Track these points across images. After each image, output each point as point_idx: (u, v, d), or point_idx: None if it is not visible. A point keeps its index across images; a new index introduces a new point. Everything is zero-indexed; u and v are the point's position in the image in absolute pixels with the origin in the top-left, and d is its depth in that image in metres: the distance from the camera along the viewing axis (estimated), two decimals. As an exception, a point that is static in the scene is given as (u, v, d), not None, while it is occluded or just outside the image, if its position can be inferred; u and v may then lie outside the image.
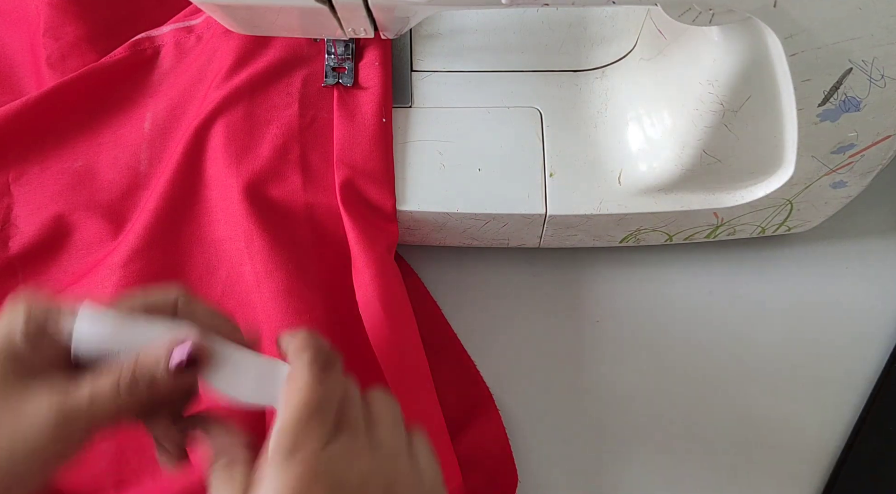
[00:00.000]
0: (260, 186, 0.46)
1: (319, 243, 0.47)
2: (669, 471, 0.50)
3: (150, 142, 0.49)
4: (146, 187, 0.49)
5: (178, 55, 0.51)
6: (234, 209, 0.46)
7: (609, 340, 0.52)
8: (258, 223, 0.46)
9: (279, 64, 0.49)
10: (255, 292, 0.46)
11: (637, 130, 0.47)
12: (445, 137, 0.48)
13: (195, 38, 0.51)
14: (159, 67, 0.51)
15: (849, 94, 0.40)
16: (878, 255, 0.54)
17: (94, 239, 0.48)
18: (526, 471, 0.49)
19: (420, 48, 0.50)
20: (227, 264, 0.46)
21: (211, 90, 0.49)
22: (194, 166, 0.47)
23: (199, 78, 0.50)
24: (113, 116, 0.50)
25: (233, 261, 0.46)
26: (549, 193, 0.47)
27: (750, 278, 0.54)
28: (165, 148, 0.49)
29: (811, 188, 0.47)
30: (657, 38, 0.45)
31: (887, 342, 0.53)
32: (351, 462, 0.31)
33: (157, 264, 0.46)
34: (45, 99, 0.49)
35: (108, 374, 0.31)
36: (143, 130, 0.49)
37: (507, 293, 0.53)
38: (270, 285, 0.45)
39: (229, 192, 0.46)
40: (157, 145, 0.49)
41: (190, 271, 0.47)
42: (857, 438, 0.50)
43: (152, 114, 0.49)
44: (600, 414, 0.51)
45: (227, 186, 0.46)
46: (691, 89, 0.43)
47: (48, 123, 0.49)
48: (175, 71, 0.51)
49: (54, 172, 0.49)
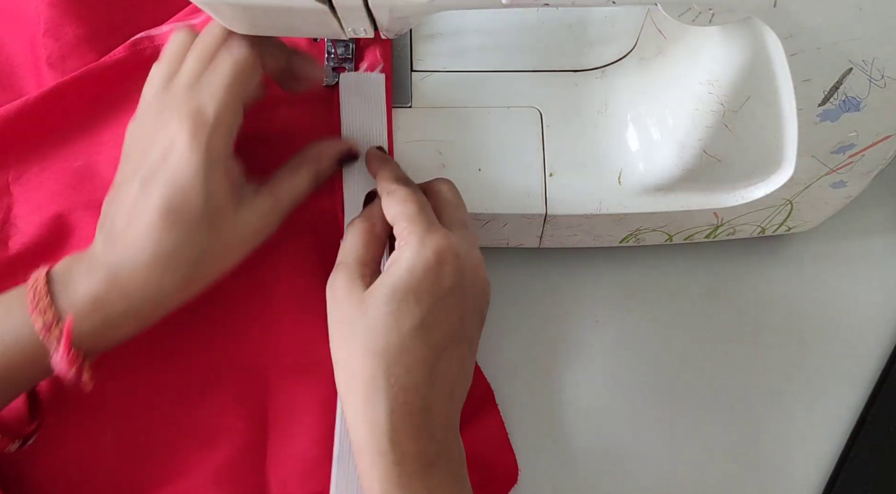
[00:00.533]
0: None
1: (325, 246, 0.47)
2: (669, 471, 0.50)
3: None
4: None
5: None
6: None
7: (609, 340, 0.52)
8: None
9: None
10: (266, 295, 0.46)
11: (637, 130, 0.47)
12: (445, 137, 0.48)
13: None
14: None
15: (849, 94, 0.40)
16: (879, 255, 0.54)
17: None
18: (525, 471, 0.49)
19: (420, 48, 0.50)
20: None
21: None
22: None
23: None
24: (113, 115, 0.50)
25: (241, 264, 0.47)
26: (549, 193, 0.47)
27: (750, 278, 0.54)
28: None
29: (811, 188, 0.47)
30: (657, 37, 0.45)
31: (887, 342, 0.53)
32: (470, 247, 0.39)
33: None
34: (45, 99, 0.49)
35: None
36: None
37: (506, 293, 0.53)
38: (281, 288, 0.45)
39: None
40: None
41: None
42: (857, 438, 0.50)
43: None
44: (600, 414, 0.51)
45: None
46: (691, 89, 0.43)
47: (48, 124, 0.49)
48: None
49: (54, 172, 0.49)
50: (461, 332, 0.38)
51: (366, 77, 0.47)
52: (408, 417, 0.36)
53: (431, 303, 0.37)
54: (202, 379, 0.46)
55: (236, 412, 0.45)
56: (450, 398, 0.38)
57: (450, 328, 0.37)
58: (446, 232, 0.38)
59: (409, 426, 0.36)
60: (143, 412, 0.45)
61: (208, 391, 0.46)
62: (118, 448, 0.45)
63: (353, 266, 0.39)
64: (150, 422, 0.45)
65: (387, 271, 0.38)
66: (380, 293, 0.37)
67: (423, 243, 0.37)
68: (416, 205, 0.39)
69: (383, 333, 0.36)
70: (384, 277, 0.38)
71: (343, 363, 0.38)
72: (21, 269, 0.47)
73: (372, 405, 0.36)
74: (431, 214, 0.40)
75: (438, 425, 0.37)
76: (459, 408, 0.39)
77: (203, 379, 0.46)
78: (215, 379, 0.46)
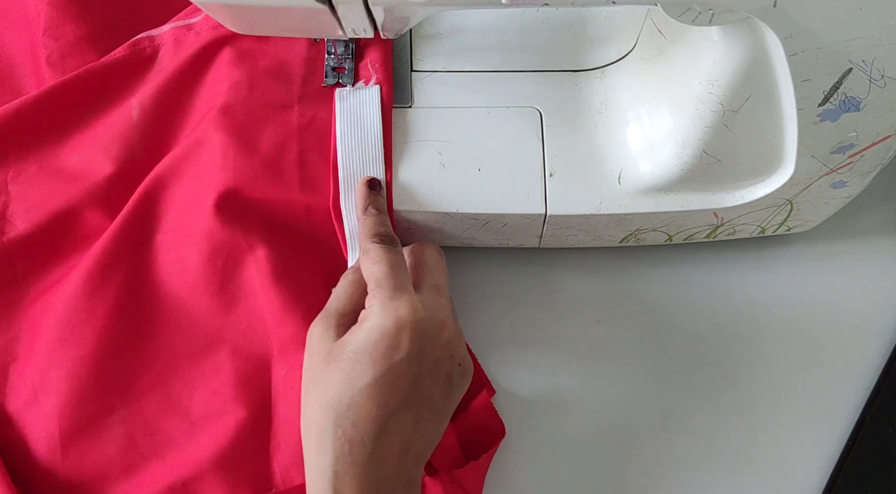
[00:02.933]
0: (258, 186, 0.46)
1: (318, 243, 0.47)
2: (669, 471, 0.50)
3: (140, 130, 0.49)
4: (142, 177, 0.48)
5: (176, 53, 0.51)
6: (232, 210, 0.46)
7: (609, 340, 0.52)
8: (257, 223, 0.46)
9: (279, 64, 0.49)
10: (259, 292, 0.46)
11: (637, 130, 0.47)
12: (445, 137, 0.48)
13: (194, 34, 0.51)
14: (158, 66, 0.51)
15: (849, 94, 0.40)
16: (879, 255, 0.54)
17: (93, 232, 0.48)
18: (525, 470, 0.49)
19: (420, 48, 0.50)
20: (229, 263, 0.47)
21: (210, 90, 0.49)
22: (193, 165, 0.47)
23: (192, 68, 0.50)
24: (110, 114, 0.50)
25: (235, 259, 0.47)
26: (549, 193, 0.47)
27: (750, 278, 0.54)
28: (158, 137, 0.49)
29: (811, 188, 0.47)
30: (657, 38, 0.45)
31: (887, 342, 0.53)
32: (436, 312, 0.41)
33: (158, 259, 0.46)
34: (44, 98, 0.49)
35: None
36: (131, 118, 0.49)
37: (506, 294, 0.53)
38: (273, 287, 0.45)
39: (227, 191, 0.46)
40: (148, 134, 0.49)
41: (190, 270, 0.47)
42: (857, 438, 0.50)
43: (139, 101, 0.49)
44: (600, 414, 0.51)
45: (224, 185, 0.46)
46: (691, 89, 0.43)
47: (47, 122, 0.49)
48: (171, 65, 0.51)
49: (52, 171, 0.49)
50: (415, 395, 0.39)
51: (360, 93, 0.47)
52: (351, 467, 0.38)
53: (385, 367, 0.38)
54: (204, 366, 0.46)
55: (238, 399, 0.45)
56: (402, 454, 0.39)
57: (403, 390, 0.39)
58: (411, 298, 0.40)
59: (352, 476, 0.37)
60: (144, 397, 0.46)
61: (210, 377, 0.46)
62: (118, 433, 0.45)
63: (332, 316, 0.42)
64: (151, 408, 0.46)
65: (353, 328, 0.40)
66: (340, 350, 0.39)
67: (384, 309, 0.39)
68: (385, 267, 0.41)
69: (337, 387, 0.38)
70: (349, 334, 0.40)
71: (304, 409, 0.40)
72: (18, 261, 0.47)
73: (320, 452, 0.38)
74: (401, 275, 0.41)
75: (385, 479, 0.38)
76: (418, 464, 0.40)
77: (205, 365, 0.46)
78: (217, 366, 0.46)
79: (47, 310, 0.46)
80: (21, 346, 0.47)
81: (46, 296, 0.47)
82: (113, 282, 0.46)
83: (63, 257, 0.48)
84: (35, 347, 0.46)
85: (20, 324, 0.47)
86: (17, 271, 0.48)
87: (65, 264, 0.48)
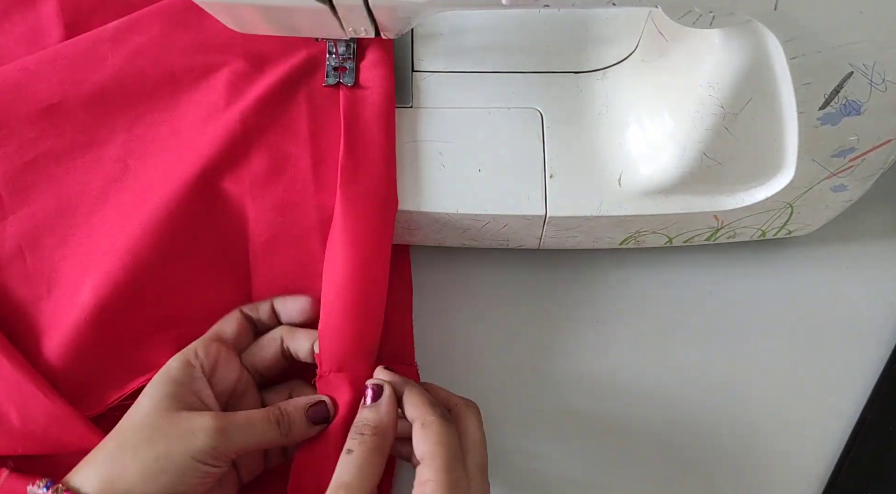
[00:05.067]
0: (259, 185, 0.46)
1: None
2: (669, 470, 0.50)
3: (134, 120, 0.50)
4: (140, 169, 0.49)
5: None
6: (239, 210, 0.47)
7: (609, 340, 0.52)
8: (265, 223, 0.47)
9: (280, 63, 0.49)
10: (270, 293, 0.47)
11: (638, 132, 0.47)
12: (446, 137, 0.48)
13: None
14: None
15: (849, 97, 0.40)
16: (879, 258, 0.54)
17: (90, 214, 0.48)
18: (525, 470, 0.49)
19: (421, 48, 0.50)
20: (241, 262, 0.48)
21: (211, 89, 0.49)
22: (195, 166, 0.47)
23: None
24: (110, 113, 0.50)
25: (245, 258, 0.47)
26: (550, 194, 0.47)
27: (750, 281, 0.54)
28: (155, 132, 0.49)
29: (811, 192, 0.47)
30: (658, 40, 0.45)
31: (887, 343, 0.53)
32: (482, 491, 0.40)
33: (161, 254, 0.47)
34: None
35: (263, 411, 0.42)
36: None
37: (506, 294, 0.53)
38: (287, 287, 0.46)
39: (235, 192, 0.46)
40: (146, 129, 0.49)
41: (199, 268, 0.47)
42: (857, 438, 0.50)
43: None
44: (600, 414, 0.51)
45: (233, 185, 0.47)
46: (692, 92, 0.42)
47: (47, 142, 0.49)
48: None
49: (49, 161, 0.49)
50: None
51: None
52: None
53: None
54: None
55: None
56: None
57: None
58: (467, 491, 0.39)
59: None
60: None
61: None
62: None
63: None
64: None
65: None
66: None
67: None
68: (448, 450, 0.39)
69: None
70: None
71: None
72: (10, 225, 0.48)
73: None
74: (460, 460, 0.40)
75: None
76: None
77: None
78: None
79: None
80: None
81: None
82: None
83: (59, 237, 0.48)
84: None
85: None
86: (7, 235, 0.48)
87: (62, 245, 0.48)
